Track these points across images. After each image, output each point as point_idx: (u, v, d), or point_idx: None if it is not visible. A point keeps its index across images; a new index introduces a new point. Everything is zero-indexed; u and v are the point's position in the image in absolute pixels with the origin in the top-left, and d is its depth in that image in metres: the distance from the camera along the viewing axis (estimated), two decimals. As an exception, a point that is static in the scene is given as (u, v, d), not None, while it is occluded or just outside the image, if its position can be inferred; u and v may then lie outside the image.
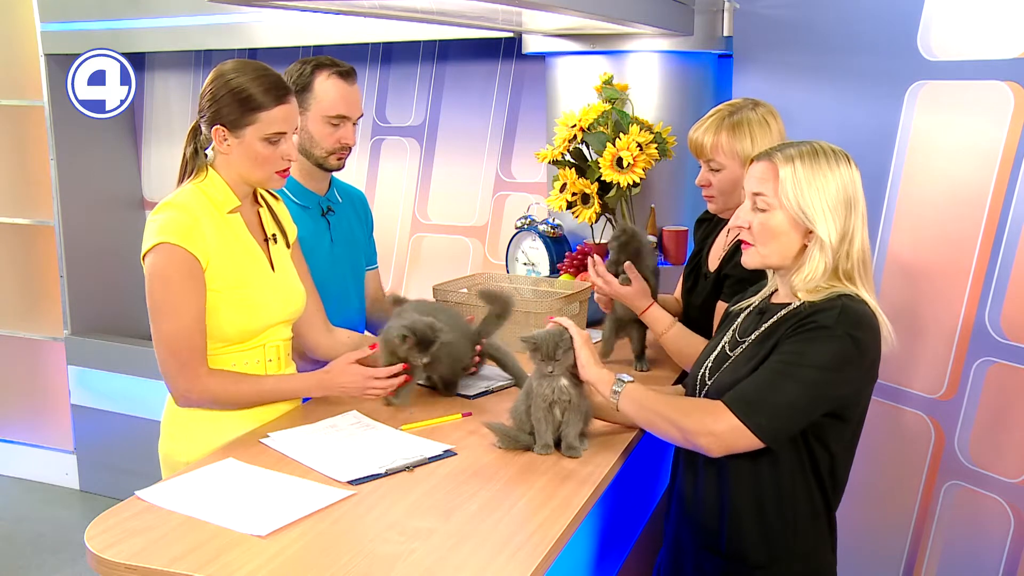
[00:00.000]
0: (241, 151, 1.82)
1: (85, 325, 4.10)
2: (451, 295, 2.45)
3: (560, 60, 2.95)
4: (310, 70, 2.16)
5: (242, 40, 3.56)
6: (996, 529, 2.22)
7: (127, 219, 4.26)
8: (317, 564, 1.35)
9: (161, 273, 1.76)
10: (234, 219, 1.87)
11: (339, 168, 2.26)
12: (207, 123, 1.83)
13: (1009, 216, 2.13)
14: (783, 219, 1.56)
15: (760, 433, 1.51)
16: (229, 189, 1.86)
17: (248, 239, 1.89)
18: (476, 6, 2.35)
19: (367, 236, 2.47)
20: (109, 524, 1.46)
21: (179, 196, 1.83)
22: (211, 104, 1.81)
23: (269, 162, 1.83)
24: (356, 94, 2.21)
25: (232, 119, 1.80)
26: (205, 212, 1.81)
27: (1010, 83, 2.12)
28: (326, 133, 2.18)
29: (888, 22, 2.32)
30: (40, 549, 3.66)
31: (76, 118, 3.63)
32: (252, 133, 1.80)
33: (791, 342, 1.53)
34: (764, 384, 1.52)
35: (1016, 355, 2.15)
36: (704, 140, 2.05)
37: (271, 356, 1.92)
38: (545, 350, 1.69)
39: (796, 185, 1.54)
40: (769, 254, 1.60)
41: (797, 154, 1.56)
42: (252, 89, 1.79)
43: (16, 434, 4.35)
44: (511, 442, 1.76)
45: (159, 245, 1.76)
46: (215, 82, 1.82)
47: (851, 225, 1.55)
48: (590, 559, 2.00)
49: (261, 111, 1.79)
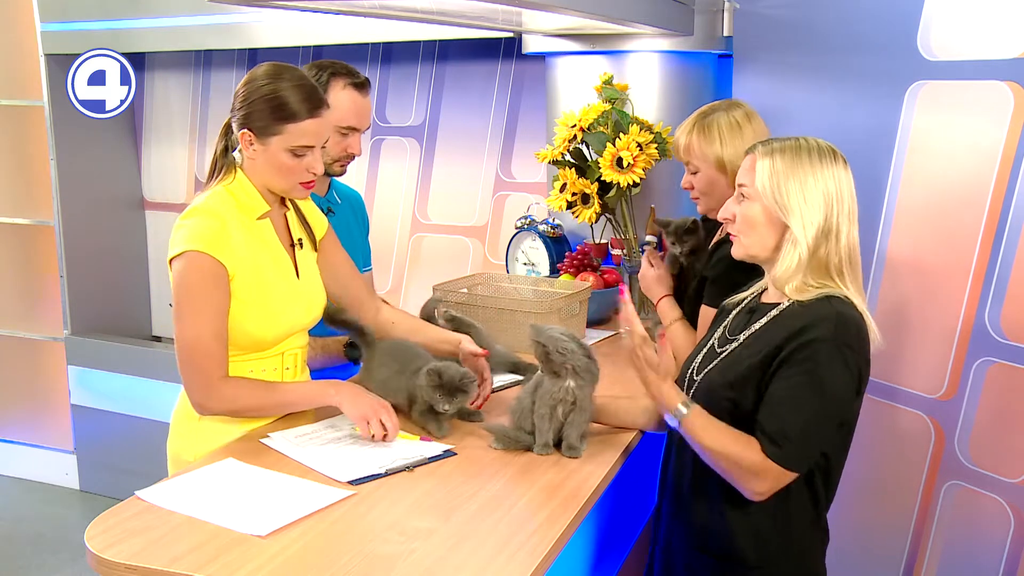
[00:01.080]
0: (265, 159, 1.79)
1: (85, 325, 4.10)
2: (451, 295, 2.45)
3: (560, 60, 2.95)
4: (327, 77, 2.15)
5: (242, 40, 3.56)
6: (996, 529, 2.22)
7: (127, 219, 4.27)
8: (317, 564, 1.35)
9: (186, 280, 1.73)
10: (263, 224, 1.84)
11: (341, 174, 2.27)
12: (237, 124, 1.80)
13: (1009, 216, 2.13)
14: (760, 210, 1.58)
15: (800, 470, 1.54)
16: (258, 194, 1.83)
17: (276, 245, 1.86)
18: (476, 6, 2.35)
19: (363, 238, 2.47)
20: (109, 524, 1.46)
21: (209, 201, 1.79)
22: (243, 106, 1.77)
23: (293, 173, 1.79)
24: (368, 106, 2.22)
25: (260, 125, 1.76)
26: (234, 218, 1.78)
27: (1010, 83, 2.12)
28: (334, 141, 2.18)
29: (888, 22, 2.32)
30: (40, 549, 3.66)
31: (76, 118, 3.63)
32: (278, 143, 1.76)
33: (797, 370, 1.51)
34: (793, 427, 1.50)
35: (1016, 355, 2.15)
36: (680, 142, 2.10)
37: (288, 364, 1.90)
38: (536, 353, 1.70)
39: (773, 177, 1.56)
40: (750, 244, 1.61)
41: (779, 148, 1.57)
42: (288, 97, 1.75)
43: (16, 434, 4.35)
44: (510, 443, 1.76)
45: (187, 252, 1.73)
46: (248, 85, 1.78)
47: (833, 222, 1.55)
48: (590, 559, 2.00)
49: (292, 121, 1.75)
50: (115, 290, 4.21)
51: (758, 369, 1.55)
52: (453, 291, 2.47)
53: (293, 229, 1.92)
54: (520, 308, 2.36)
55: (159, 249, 4.22)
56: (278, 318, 1.83)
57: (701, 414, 1.57)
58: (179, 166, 4.17)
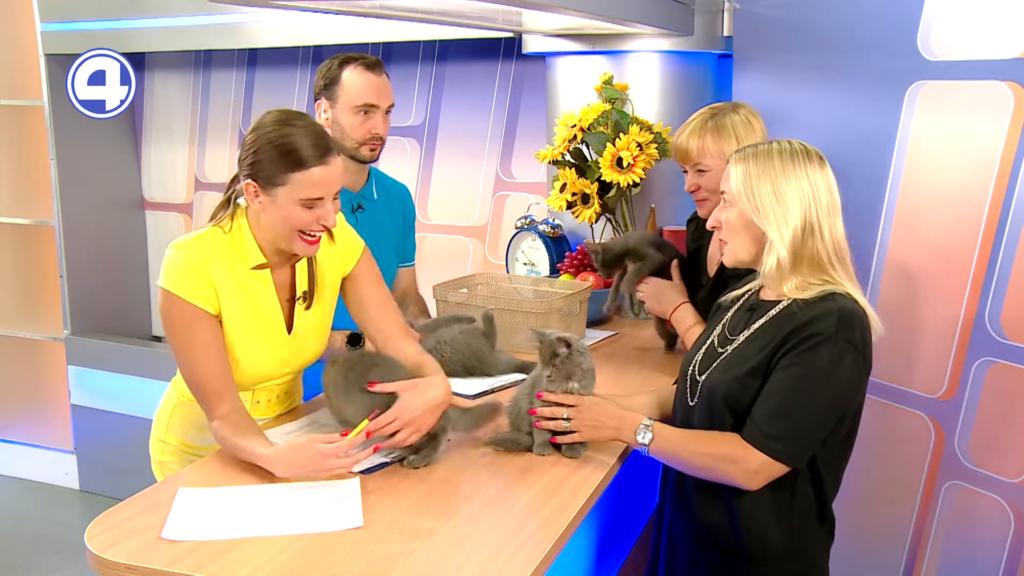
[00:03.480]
0: (273, 211, 1.68)
1: (85, 325, 4.10)
2: (451, 295, 2.45)
3: (560, 60, 2.95)
4: (337, 64, 2.21)
5: (242, 40, 3.56)
6: (996, 529, 2.22)
7: (127, 219, 4.27)
8: (317, 564, 1.35)
9: (168, 319, 1.72)
10: (260, 275, 1.76)
11: (372, 159, 2.27)
12: (243, 174, 1.70)
13: (1009, 216, 2.13)
14: (737, 215, 1.61)
15: (792, 462, 1.54)
16: (256, 246, 1.74)
17: (270, 298, 1.78)
18: (476, 6, 2.35)
19: (404, 232, 2.48)
20: (109, 524, 1.46)
21: (200, 239, 1.73)
22: (250, 155, 1.67)
23: (301, 226, 1.68)
24: (383, 84, 2.23)
25: (267, 174, 1.65)
26: (224, 263, 1.71)
27: (1010, 83, 2.12)
28: (356, 123, 2.20)
29: (888, 22, 2.32)
30: (40, 549, 3.66)
31: (76, 118, 3.63)
32: (285, 195, 1.65)
33: (797, 360, 1.53)
34: (785, 415, 1.52)
35: (1016, 355, 2.14)
36: (690, 144, 2.10)
37: (260, 399, 1.88)
38: (543, 353, 1.70)
39: (746, 180, 1.58)
40: (736, 250, 1.63)
41: (752, 152, 1.60)
42: (297, 142, 1.64)
43: (16, 434, 4.35)
44: (512, 445, 1.75)
45: (164, 290, 1.70)
46: (258, 130, 1.68)
47: (814, 220, 1.56)
48: (590, 559, 2.00)
49: (299, 169, 1.64)
50: (115, 290, 4.21)
51: (760, 367, 1.56)
52: (453, 291, 2.47)
53: (299, 282, 1.82)
54: (520, 308, 2.36)
55: (159, 249, 4.20)
56: (253, 368, 1.80)
57: (663, 428, 1.62)
58: (179, 166, 4.17)
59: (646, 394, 1.87)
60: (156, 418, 1.97)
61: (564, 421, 1.68)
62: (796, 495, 1.59)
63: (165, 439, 1.94)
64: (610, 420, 1.66)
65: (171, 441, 1.94)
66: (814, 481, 1.60)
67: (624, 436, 1.65)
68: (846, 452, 1.64)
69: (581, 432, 1.68)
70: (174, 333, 1.72)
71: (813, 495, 1.61)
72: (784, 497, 1.58)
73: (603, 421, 1.66)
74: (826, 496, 1.63)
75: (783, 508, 1.59)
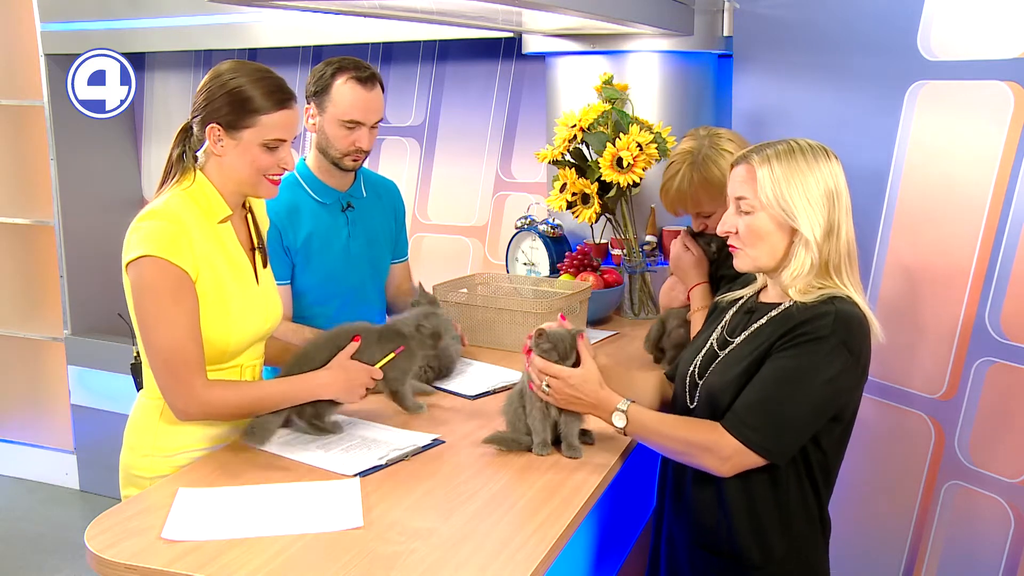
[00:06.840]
0: (236, 154, 1.73)
1: (85, 325, 4.10)
2: (451, 295, 2.45)
3: (560, 60, 2.95)
4: (331, 72, 2.18)
5: (242, 40, 3.56)
6: (996, 529, 2.22)
7: (127, 219, 4.13)
8: (317, 564, 1.35)
9: (150, 286, 1.68)
10: (224, 228, 1.79)
11: (354, 169, 2.28)
12: (200, 122, 1.74)
13: (1009, 216, 2.13)
14: (767, 220, 1.57)
15: (768, 455, 1.53)
16: (220, 197, 1.77)
17: (237, 250, 1.81)
18: (476, 6, 2.36)
19: (396, 228, 2.47)
20: (109, 524, 1.46)
21: (167, 204, 1.73)
22: (206, 103, 1.72)
23: (264, 168, 1.75)
24: (374, 100, 2.20)
25: (229, 119, 1.71)
26: (195, 221, 1.72)
27: (1010, 83, 2.12)
28: (340, 136, 2.19)
29: (888, 22, 2.32)
30: (40, 549, 3.66)
31: (76, 118, 3.63)
32: (250, 136, 1.72)
33: (788, 354, 1.53)
34: (765, 403, 1.52)
35: (1016, 355, 2.15)
36: (683, 202, 2.08)
37: (247, 377, 1.86)
38: (562, 349, 1.69)
39: (775, 184, 1.55)
40: (758, 256, 1.60)
41: (774, 154, 1.57)
42: (252, 91, 1.71)
43: (16, 434, 4.35)
44: (513, 444, 1.75)
45: (145, 257, 1.67)
46: (212, 81, 1.73)
47: (835, 218, 1.56)
48: (590, 559, 2.00)
49: (260, 114, 1.71)
50: (115, 290, 4.14)
51: (754, 365, 1.56)
52: (453, 291, 2.47)
53: (254, 233, 1.87)
54: (520, 308, 2.36)
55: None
56: (239, 325, 1.77)
57: (640, 411, 1.62)
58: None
59: (653, 373, 1.88)
60: (138, 434, 1.81)
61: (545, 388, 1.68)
62: (792, 497, 1.59)
63: (153, 452, 1.78)
64: (588, 398, 1.66)
65: (164, 451, 1.78)
66: (811, 483, 1.60)
67: (601, 416, 1.66)
68: (840, 455, 1.64)
69: (557, 401, 1.68)
70: (157, 302, 1.68)
71: (812, 495, 1.61)
72: (782, 498, 1.58)
73: (580, 398, 1.66)
74: (822, 498, 1.63)
75: (782, 508, 1.59)
